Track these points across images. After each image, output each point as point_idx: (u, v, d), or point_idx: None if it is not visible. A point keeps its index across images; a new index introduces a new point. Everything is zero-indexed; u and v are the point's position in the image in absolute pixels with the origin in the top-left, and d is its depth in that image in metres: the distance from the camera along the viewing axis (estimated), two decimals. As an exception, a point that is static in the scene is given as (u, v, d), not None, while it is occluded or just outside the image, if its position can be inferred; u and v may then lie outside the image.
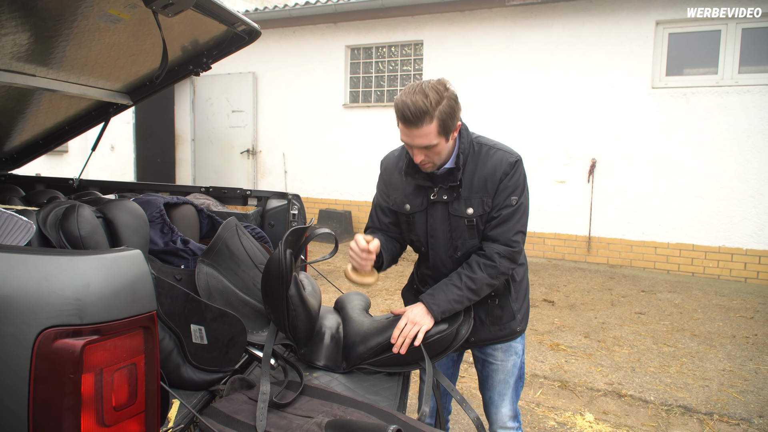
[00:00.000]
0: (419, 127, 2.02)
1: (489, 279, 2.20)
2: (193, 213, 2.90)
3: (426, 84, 2.02)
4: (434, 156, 2.13)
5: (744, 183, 7.49)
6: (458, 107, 2.09)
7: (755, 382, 4.30)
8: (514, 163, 2.21)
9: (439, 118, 2.01)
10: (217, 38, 2.99)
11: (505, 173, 2.19)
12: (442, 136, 2.07)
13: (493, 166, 2.20)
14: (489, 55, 8.90)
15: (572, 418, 3.83)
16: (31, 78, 2.61)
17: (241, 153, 11.14)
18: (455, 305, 2.20)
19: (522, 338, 2.49)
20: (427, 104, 1.97)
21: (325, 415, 1.77)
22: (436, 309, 2.19)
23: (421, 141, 2.06)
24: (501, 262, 2.20)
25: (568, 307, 6.13)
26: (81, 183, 3.75)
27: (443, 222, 2.29)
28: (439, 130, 2.04)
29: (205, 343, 2.02)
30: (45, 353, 1.17)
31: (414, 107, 1.98)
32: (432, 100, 1.98)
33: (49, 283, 1.20)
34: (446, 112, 2.02)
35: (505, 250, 2.20)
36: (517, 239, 2.21)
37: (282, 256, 2.02)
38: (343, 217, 9.80)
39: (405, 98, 2.00)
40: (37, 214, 2.01)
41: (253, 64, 10.79)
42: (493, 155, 2.22)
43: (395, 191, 2.39)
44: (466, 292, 2.20)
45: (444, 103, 2.01)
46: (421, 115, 1.99)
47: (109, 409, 1.24)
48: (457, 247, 2.30)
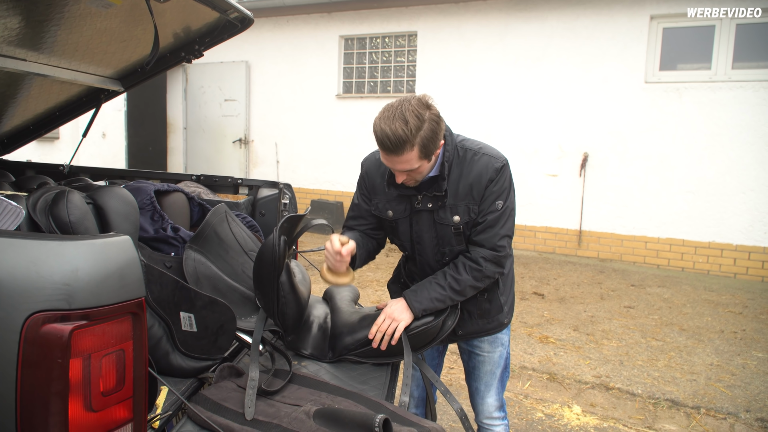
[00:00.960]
0: (400, 155, 1.97)
1: (473, 282, 2.20)
2: (184, 201, 2.89)
3: (406, 107, 1.94)
4: (417, 175, 2.11)
5: (735, 179, 7.52)
6: (440, 127, 2.03)
7: (742, 376, 4.33)
8: (500, 168, 2.16)
9: (420, 144, 1.95)
10: (210, 25, 2.97)
11: (491, 179, 2.15)
12: (424, 160, 2.02)
13: (478, 173, 2.15)
14: (483, 47, 8.89)
15: (560, 410, 3.85)
16: (22, 62, 2.59)
17: (234, 142, 11.10)
18: (437, 303, 2.20)
19: (508, 329, 2.49)
20: (407, 132, 1.90)
21: (313, 403, 1.77)
22: (417, 306, 2.19)
23: (402, 167, 2.02)
24: (487, 266, 2.19)
25: (558, 301, 6.16)
26: (71, 169, 3.73)
27: (429, 229, 2.26)
28: (420, 155, 1.98)
29: (195, 331, 2.02)
30: (33, 338, 1.17)
31: (394, 137, 1.91)
32: (412, 127, 1.91)
33: (37, 268, 1.19)
34: (427, 137, 1.95)
35: (491, 255, 2.19)
36: (503, 243, 2.19)
37: (276, 242, 2.02)
38: (334, 207, 9.79)
39: (384, 126, 1.93)
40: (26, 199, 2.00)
41: (246, 53, 10.73)
42: (479, 161, 2.17)
43: (377, 196, 2.35)
44: (450, 292, 2.19)
45: (425, 126, 1.94)
46: (401, 144, 1.92)
47: (96, 394, 1.24)
48: (445, 253, 2.29)
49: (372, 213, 2.39)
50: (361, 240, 2.36)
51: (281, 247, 2.04)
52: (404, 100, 1.98)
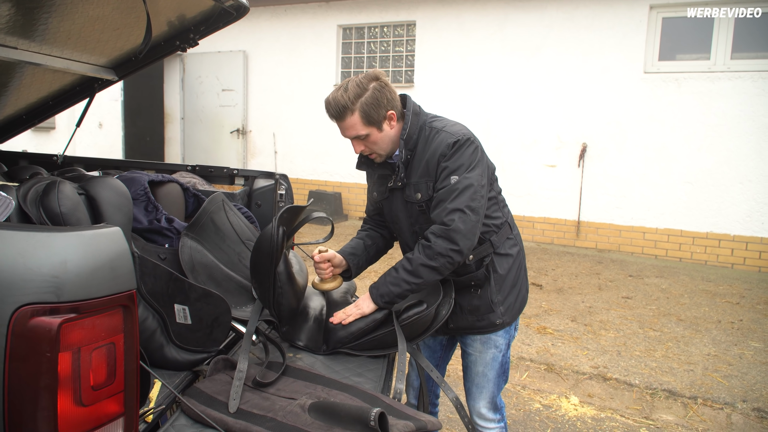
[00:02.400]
0: (343, 120, 2.14)
1: (426, 260, 2.10)
2: (179, 191, 2.86)
3: (352, 80, 2.13)
4: (372, 146, 2.21)
5: (733, 169, 7.51)
6: (386, 96, 2.14)
7: (740, 367, 4.33)
8: (453, 143, 2.14)
9: (361, 110, 2.10)
10: (205, 13, 2.93)
11: (443, 154, 2.14)
12: (371, 126, 2.15)
13: (434, 149, 2.17)
14: (482, 37, 8.84)
15: (557, 400, 3.85)
16: (13, 51, 2.55)
17: (231, 132, 11.05)
18: (392, 287, 2.16)
19: (505, 333, 2.42)
20: (345, 98, 2.09)
21: (308, 396, 1.76)
22: (374, 292, 2.20)
23: (350, 132, 2.17)
24: (436, 242, 2.09)
25: (556, 291, 6.15)
26: (65, 159, 3.70)
27: (402, 209, 2.32)
28: (363, 121, 2.12)
29: (189, 323, 2.00)
30: (21, 331, 1.15)
31: (335, 102, 2.12)
32: (351, 95, 2.09)
33: (25, 260, 1.17)
34: (368, 102, 2.10)
35: (439, 229, 2.10)
36: (452, 217, 2.09)
37: (274, 232, 2.01)
38: (333, 198, 9.76)
39: (329, 95, 2.14)
40: (17, 189, 1.97)
41: (243, 43, 10.67)
42: (435, 137, 2.19)
43: (370, 180, 2.48)
44: (402, 273, 2.15)
45: (367, 94, 2.10)
46: (342, 110, 2.11)
47: (86, 388, 1.22)
48: (417, 232, 2.31)
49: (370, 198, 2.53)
50: (363, 245, 2.52)
51: (279, 237, 2.03)
52: (354, 76, 2.18)
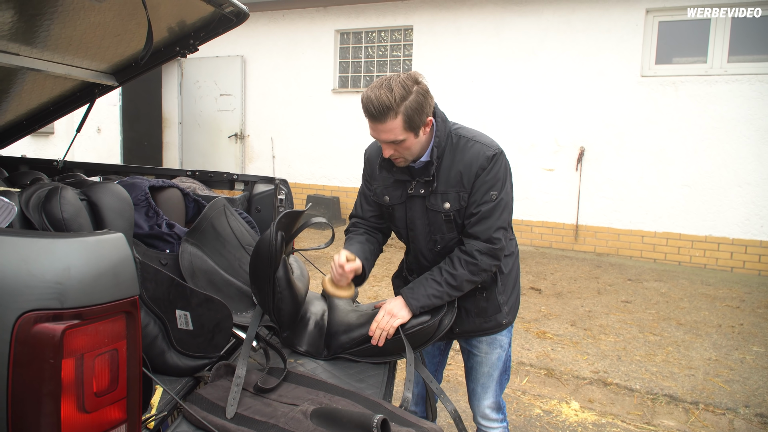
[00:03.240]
0: (383, 123, 1.99)
1: (470, 276, 2.17)
2: (179, 197, 2.86)
3: (394, 78, 1.99)
4: (404, 151, 2.10)
5: (731, 172, 7.52)
6: (428, 102, 2.05)
7: (741, 371, 4.33)
8: (492, 156, 2.13)
9: (405, 114, 1.98)
10: (205, 19, 2.93)
11: (482, 167, 2.12)
12: (410, 132, 2.03)
13: (469, 160, 2.14)
14: (479, 41, 8.86)
15: (558, 406, 3.85)
16: (15, 57, 2.55)
17: (229, 137, 11.05)
18: (434, 300, 2.18)
19: (508, 331, 2.46)
20: (391, 99, 1.94)
21: (310, 403, 1.75)
22: (414, 303, 2.17)
23: (387, 136, 2.03)
24: (482, 260, 2.15)
25: (555, 296, 6.15)
26: (65, 165, 3.70)
27: (422, 216, 2.27)
28: (404, 126, 2.00)
29: (191, 329, 1.99)
30: (24, 338, 1.15)
31: (377, 102, 1.95)
32: (397, 96, 1.95)
33: (28, 266, 1.17)
34: (412, 107, 1.98)
35: (485, 248, 2.15)
36: (498, 236, 2.15)
37: (273, 237, 2.01)
38: (331, 203, 9.76)
39: (370, 93, 1.98)
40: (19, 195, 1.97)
41: (241, 48, 10.68)
42: (471, 148, 2.15)
43: (376, 182, 2.38)
44: (446, 287, 2.17)
45: (411, 98, 1.97)
46: (384, 111, 1.96)
47: (90, 394, 1.22)
48: (437, 240, 2.28)
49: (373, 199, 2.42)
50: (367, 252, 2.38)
51: (278, 242, 2.02)
52: (394, 74, 2.03)
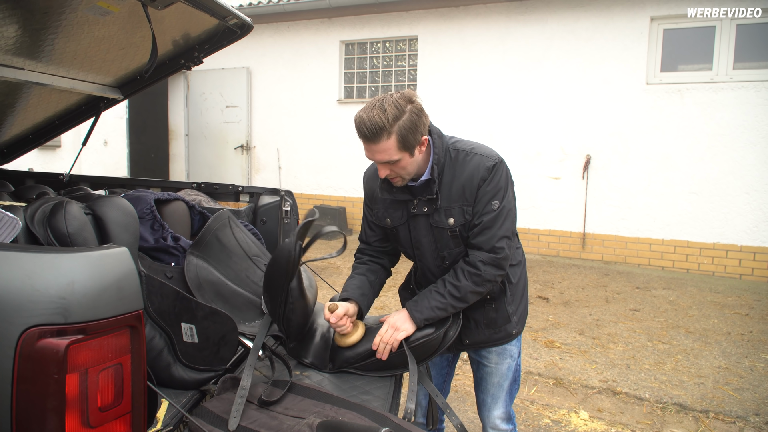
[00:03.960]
0: (377, 143, 1.97)
1: (474, 287, 2.14)
2: (185, 209, 2.86)
3: (387, 99, 1.97)
4: (400, 171, 2.08)
5: (738, 179, 7.48)
6: (422, 120, 2.02)
7: (751, 379, 4.29)
8: (492, 167, 2.11)
9: (398, 134, 1.96)
10: (209, 32, 2.95)
11: (483, 179, 2.10)
12: (404, 152, 2.01)
13: (470, 173, 2.12)
14: (483, 50, 8.87)
15: (567, 415, 3.81)
16: (20, 72, 2.57)
17: (235, 148, 11.09)
18: (438, 312, 2.16)
19: (518, 341, 2.44)
20: (384, 120, 1.92)
21: (316, 415, 1.74)
22: (418, 316, 2.15)
23: (381, 157, 2.01)
24: (486, 270, 2.12)
25: (563, 304, 6.12)
26: (71, 178, 3.71)
27: (427, 234, 2.24)
28: (399, 146, 1.98)
29: (196, 342, 1.99)
30: (28, 353, 1.15)
31: (370, 123, 1.94)
32: (390, 116, 1.93)
33: (32, 281, 1.17)
34: (406, 126, 1.96)
35: (489, 258, 2.13)
36: (501, 245, 2.12)
37: (293, 247, 2.00)
38: (337, 213, 9.76)
39: (363, 114, 1.96)
40: (24, 210, 1.97)
41: (247, 59, 10.73)
42: (470, 161, 2.13)
43: (376, 205, 2.35)
44: (450, 299, 2.15)
45: (405, 117, 1.96)
46: (378, 131, 1.94)
47: (94, 409, 1.21)
48: (445, 257, 2.26)
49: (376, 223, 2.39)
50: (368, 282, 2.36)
51: (297, 252, 2.01)
52: (387, 93, 2.01)
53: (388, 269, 2.52)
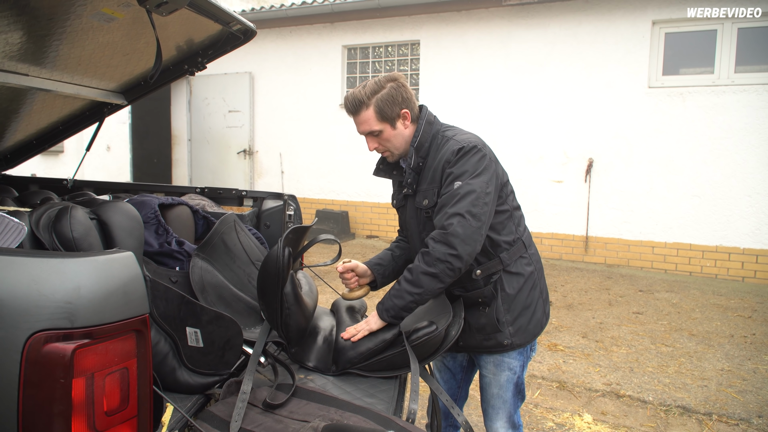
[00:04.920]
0: (358, 115, 2.22)
1: (425, 267, 2.06)
2: (189, 214, 2.87)
3: (372, 78, 2.23)
4: (386, 143, 2.26)
5: (741, 182, 7.48)
6: (401, 94, 2.21)
7: (754, 381, 4.28)
8: (458, 150, 2.14)
9: (376, 105, 2.18)
10: (212, 37, 2.96)
11: (448, 161, 2.16)
12: (384, 122, 2.21)
13: (441, 156, 2.20)
14: (485, 54, 8.88)
15: (571, 418, 3.81)
16: (24, 77, 2.58)
17: (238, 153, 11.11)
18: (395, 300, 2.12)
19: (519, 354, 2.36)
20: (363, 94, 2.18)
21: (321, 419, 1.74)
22: (380, 308, 2.16)
23: (364, 128, 2.24)
24: (435, 247, 2.05)
25: (566, 307, 6.12)
26: (75, 183, 3.72)
27: (414, 216, 2.34)
28: (377, 116, 2.20)
29: (201, 346, 1.99)
30: (35, 357, 1.15)
31: (352, 98, 2.21)
32: (368, 90, 2.18)
33: (39, 286, 1.17)
34: (383, 98, 2.18)
35: (438, 234, 2.07)
36: (451, 221, 2.05)
37: (280, 253, 2.01)
38: (340, 217, 9.77)
39: (348, 92, 2.23)
40: (29, 215, 1.98)
41: (249, 64, 10.76)
42: (444, 144, 2.22)
43: (393, 189, 2.51)
44: (404, 284, 2.10)
45: (384, 91, 2.18)
46: (358, 104, 2.20)
47: (100, 414, 1.22)
48: (425, 240, 2.23)
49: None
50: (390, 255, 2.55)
51: (285, 258, 2.03)
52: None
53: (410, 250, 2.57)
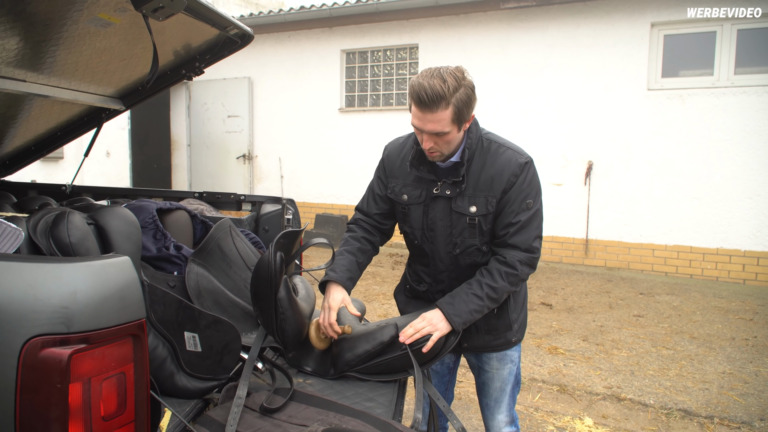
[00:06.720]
0: (434, 112, 1.95)
1: (510, 287, 2.15)
2: (187, 219, 2.86)
3: (445, 69, 1.96)
4: (443, 145, 2.06)
5: (741, 184, 7.48)
6: (474, 97, 2.02)
7: (755, 384, 4.27)
8: (524, 164, 2.12)
9: (455, 105, 1.94)
10: (210, 42, 2.96)
11: (514, 174, 2.11)
12: (455, 125, 1.99)
13: (501, 166, 2.12)
14: (484, 58, 8.89)
15: (571, 422, 3.80)
16: (22, 83, 2.58)
17: (237, 158, 11.11)
18: (476, 315, 2.14)
19: (518, 347, 2.44)
20: (444, 89, 1.91)
21: (320, 423, 1.74)
22: (457, 320, 2.11)
23: (433, 127, 1.98)
24: (522, 270, 2.14)
25: (566, 311, 6.11)
26: (74, 189, 3.72)
27: (444, 217, 2.22)
28: (453, 118, 1.96)
29: (199, 351, 1.99)
30: (31, 363, 1.15)
31: (431, 90, 1.91)
32: (450, 86, 1.92)
33: (35, 291, 1.17)
34: (463, 100, 1.95)
35: (526, 257, 2.14)
36: (536, 245, 2.15)
37: (271, 258, 2.00)
38: (339, 221, 9.76)
39: (422, 81, 1.93)
40: (27, 220, 1.98)
41: (248, 69, 10.77)
42: (503, 154, 2.14)
43: (395, 180, 2.34)
44: (487, 301, 2.13)
45: (461, 90, 1.95)
46: (437, 100, 1.92)
47: (97, 419, 1.21)
48: (456, 244, 2.23)
49: (384, 198, 2.39)
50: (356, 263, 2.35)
51: (277, 263, 2.02)
52: (442, 66, 2.00)
53: (377, 248, 2.49)
